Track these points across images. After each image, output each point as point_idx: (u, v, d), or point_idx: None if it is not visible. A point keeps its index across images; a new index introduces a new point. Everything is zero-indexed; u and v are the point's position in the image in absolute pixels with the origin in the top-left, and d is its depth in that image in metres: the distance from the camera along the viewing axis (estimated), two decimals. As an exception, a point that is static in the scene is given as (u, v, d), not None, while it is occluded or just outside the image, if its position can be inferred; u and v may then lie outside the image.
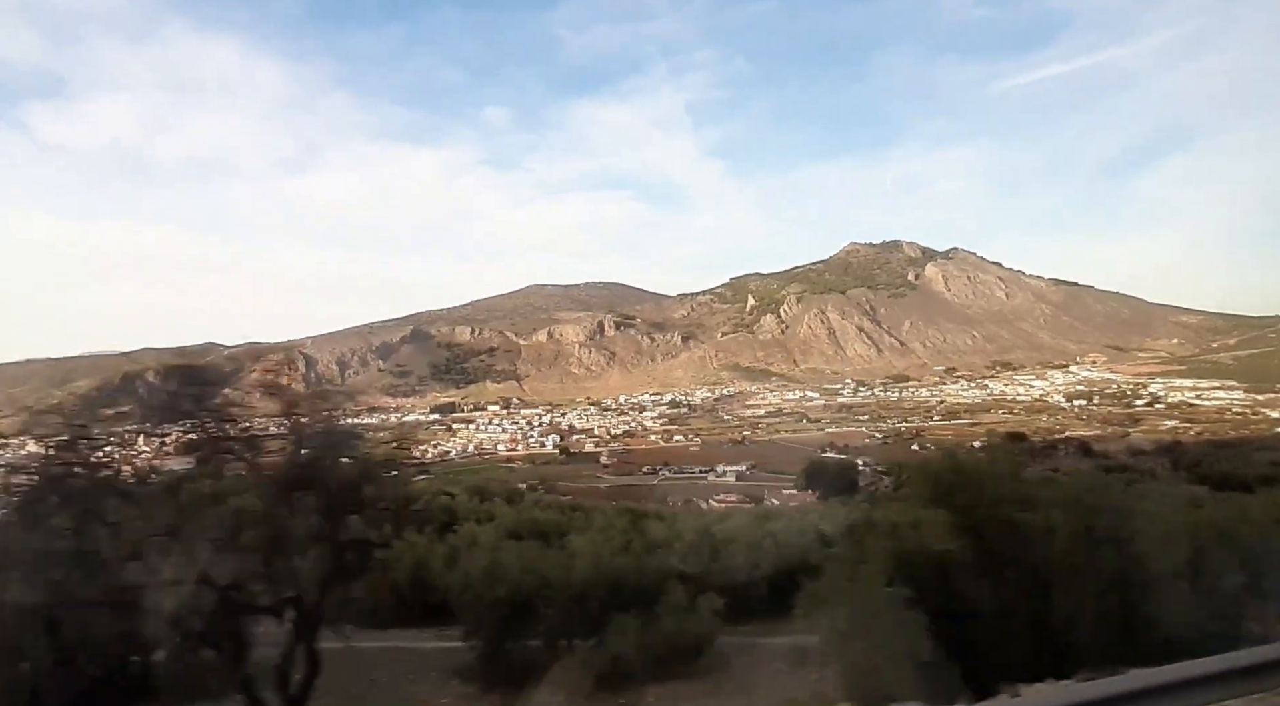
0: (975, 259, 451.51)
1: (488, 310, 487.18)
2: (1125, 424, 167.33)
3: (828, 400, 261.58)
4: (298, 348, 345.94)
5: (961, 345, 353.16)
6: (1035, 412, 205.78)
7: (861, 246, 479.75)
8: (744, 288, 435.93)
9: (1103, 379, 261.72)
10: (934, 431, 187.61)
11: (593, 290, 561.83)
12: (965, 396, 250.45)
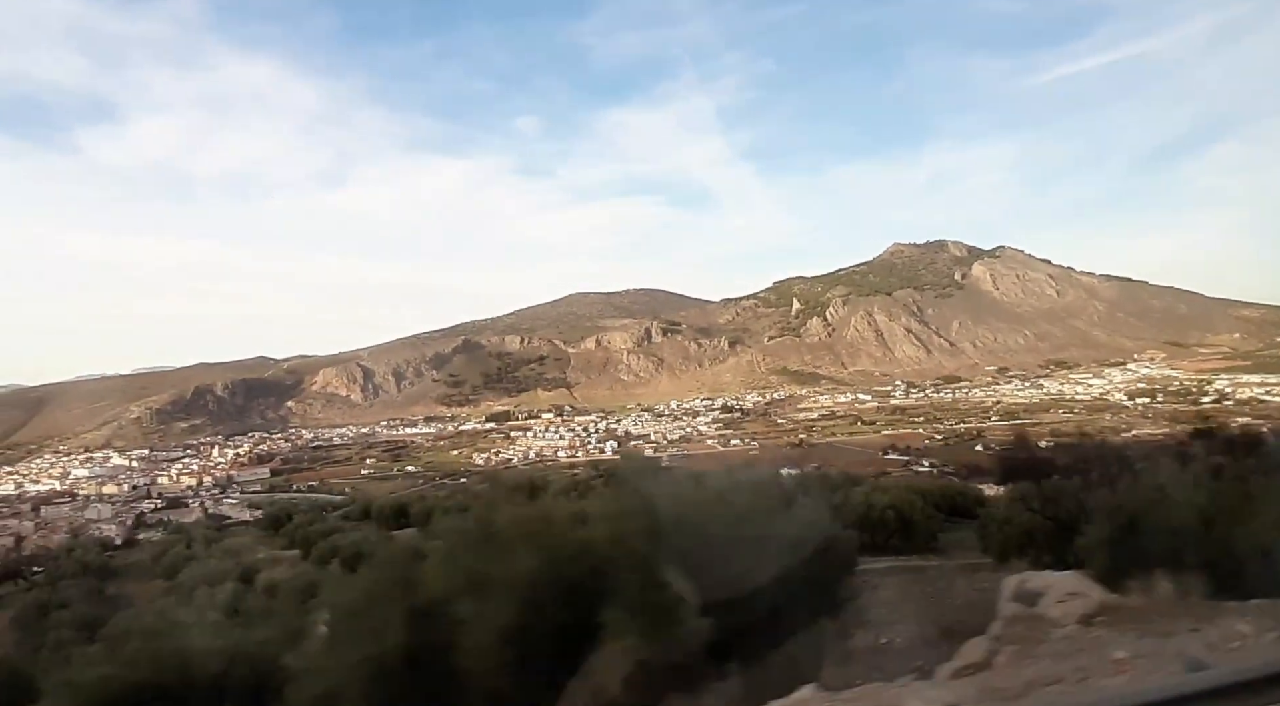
0: (1023, 256, 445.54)
1: (532, 318, 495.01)
2: (1194, 421, 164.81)
3: (880, 402, 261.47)
4: (355, 359, 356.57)
5: (1013, 344, 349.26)
6: (1097, 411, 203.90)
7: (905, 247, 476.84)
8: (788, 291, 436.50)
9: (1163, 376, 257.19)
10: (994, 432, 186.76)
11: (634, 297, 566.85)
12: (1021, 396, 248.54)
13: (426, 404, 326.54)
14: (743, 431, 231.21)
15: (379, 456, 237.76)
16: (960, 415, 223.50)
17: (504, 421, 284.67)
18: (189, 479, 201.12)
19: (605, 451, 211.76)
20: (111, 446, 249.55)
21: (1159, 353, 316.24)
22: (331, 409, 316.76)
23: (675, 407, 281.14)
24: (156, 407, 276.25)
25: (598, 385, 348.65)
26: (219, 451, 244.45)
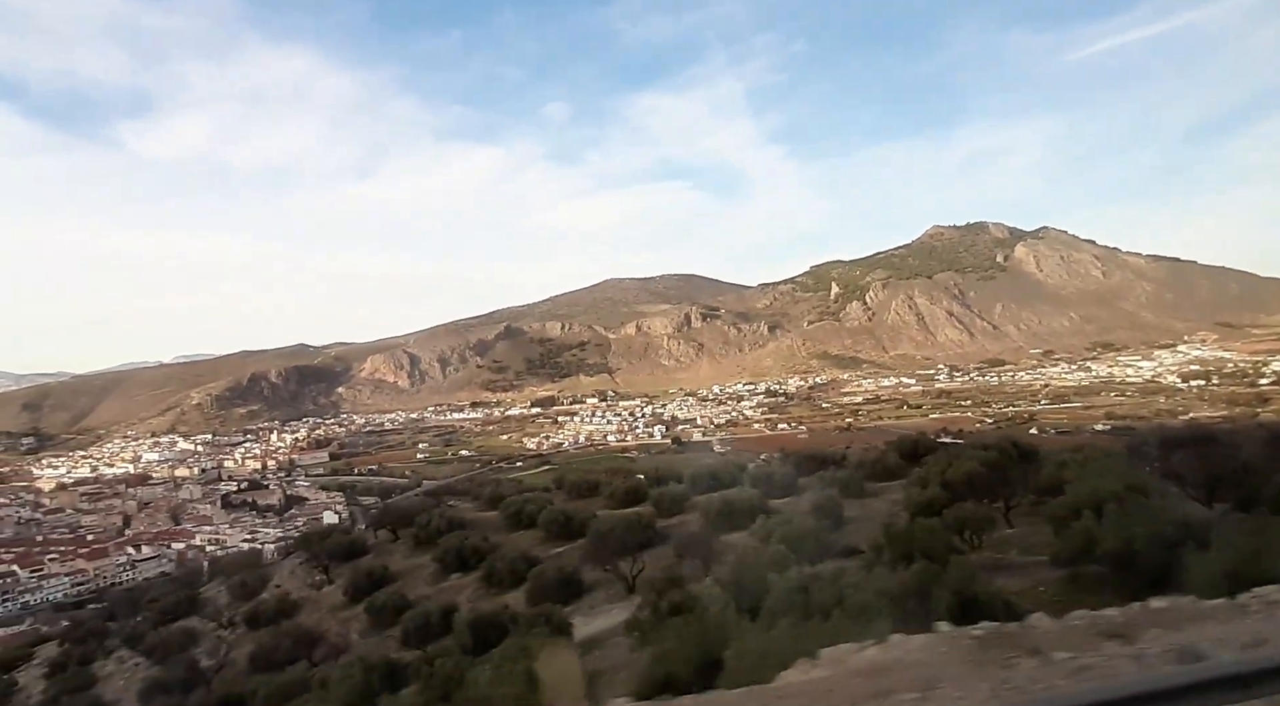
0: (1067, 237, 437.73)
1: (569, 304, 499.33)
2: (1253, 404, 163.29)
3: (925, 386, 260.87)
4: (401, 346, 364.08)
5: (1058, 327, 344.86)
6: (1150, 394, 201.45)
7: (945, 229, 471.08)
8: (826, 275, 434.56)
9: (1216, 358, 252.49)
10: (1046, 415, 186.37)
11: (670, 282, 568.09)
12: (1069, 379, 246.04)
13: (471, 389, 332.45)
14: (788, 415, 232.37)
15: (430, 441, 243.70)
16: (1008, 398, 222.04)
17: (549, 406, 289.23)
18: (253, 462, 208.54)
19: (654, 435, 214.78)
20: (176, 431, 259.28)
21: (1210, 334, 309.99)
22: (380, 395, 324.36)
23: (718, 392, 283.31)
24: (216, 394, 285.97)
25: (639, 370, 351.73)
26: (277, 436, 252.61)
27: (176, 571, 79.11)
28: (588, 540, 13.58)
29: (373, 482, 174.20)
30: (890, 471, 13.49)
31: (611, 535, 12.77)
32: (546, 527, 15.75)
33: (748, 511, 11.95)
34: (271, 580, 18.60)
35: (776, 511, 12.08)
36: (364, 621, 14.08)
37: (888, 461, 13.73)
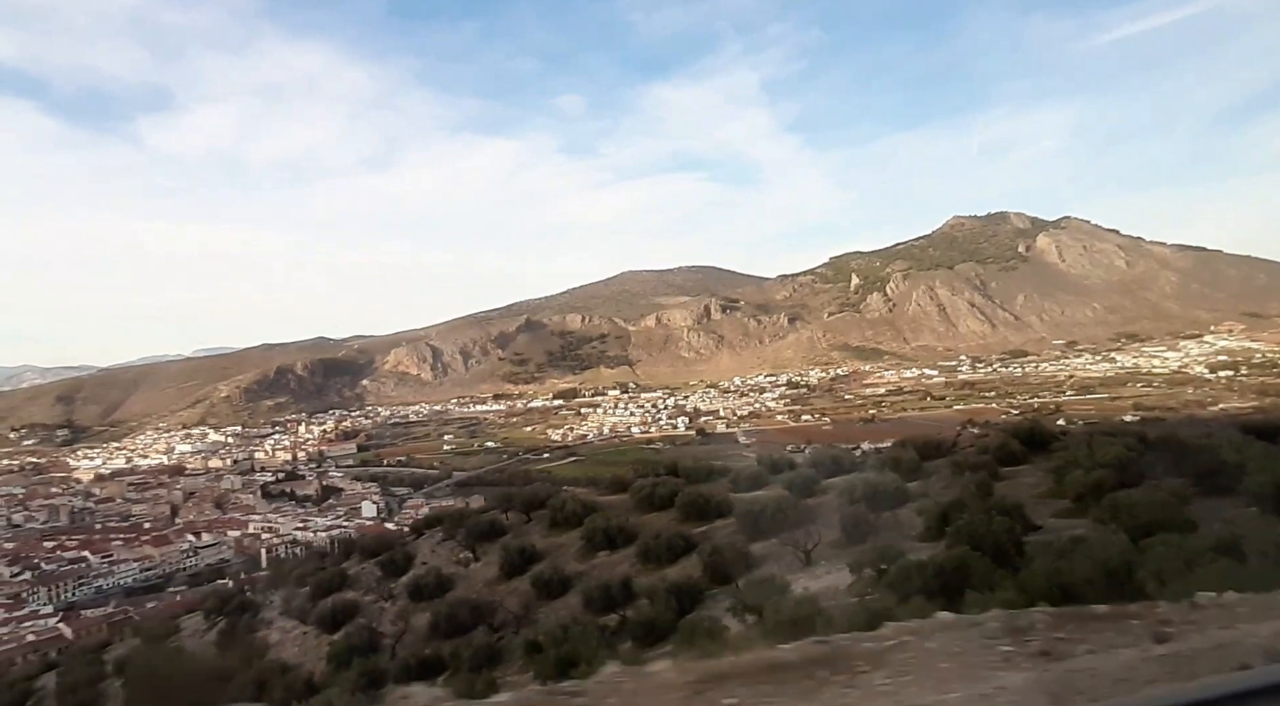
0: (1089, 227, 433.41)
1: (587, 297, 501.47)
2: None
3: (947, 377, 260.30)
4: (424, 338, 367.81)
5: (1081, 318, 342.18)
6: (1178, 385, 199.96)
7: (966, 219, 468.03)
8: (845, 266, 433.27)
9: (1243, 348, 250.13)
10: (1072, 406, 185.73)
11: (687, 274, 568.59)
12: (1094, 370, 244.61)
13: (493, 382, 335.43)
14: (811, 407, 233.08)
15: (455, 433, 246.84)
16: (1032, 390, 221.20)
17: (571, 399, 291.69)
18: (284, 454, 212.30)
19: (678, 427, 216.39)
20: (206, 423, 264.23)
21: (1237, 324, 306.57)
22: (403, 387, 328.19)
23: (740, 384, 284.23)
24: (244, 387, 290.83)
25: (659, 362, 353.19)
26: (305, 428, 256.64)
27: (235, 558, 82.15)
28: (737, 519, 14.96)
29: (403, 473, 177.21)
30: (1015, 457, 14.55)
31: (763, 514, 14.13)
32: (684, 509, 17.10)
33: (891, 494, 13.18)
34: (415, 557, 20.16)
35: (920, 494, 13.31)
36: (529, 593, 15.56)
37: (1011, 447, 14.74)
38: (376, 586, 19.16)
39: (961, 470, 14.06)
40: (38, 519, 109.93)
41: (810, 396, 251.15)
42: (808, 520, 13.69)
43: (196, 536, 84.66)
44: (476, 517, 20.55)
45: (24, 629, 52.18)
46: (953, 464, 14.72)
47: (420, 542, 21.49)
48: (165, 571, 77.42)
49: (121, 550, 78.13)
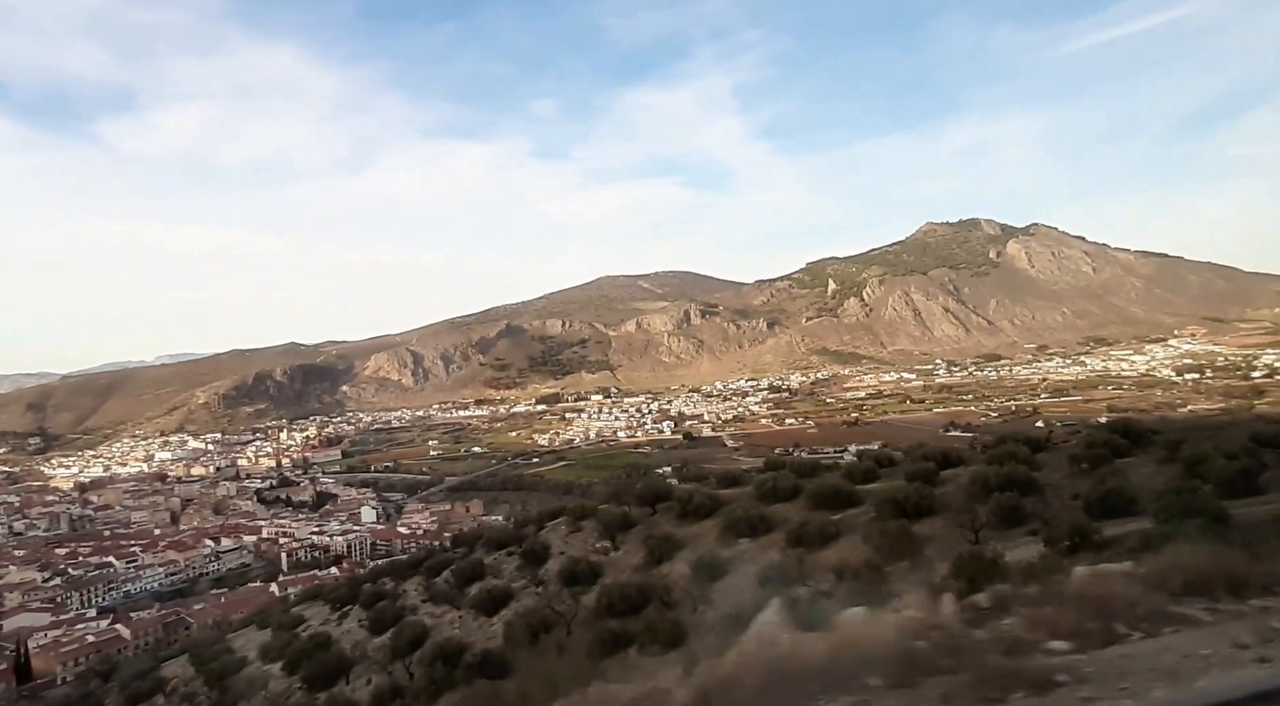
0: (1057, 233, 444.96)
1: (564, 302, 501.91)
2: (1249, 397, 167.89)
3: (925, 381, 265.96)
4: (404, 344, 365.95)
5: (1051, 322, 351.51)
6: (1146, 388, 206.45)
7: (938, 225, 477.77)
8: (822, 271, 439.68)
9: (1207, 352, 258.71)
10: (1049, 408, 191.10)
11: (665, 279, 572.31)
12: (1066, 373, 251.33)
13: (475, 387, 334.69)
14: (794, 410, 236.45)
15: (440, 438, 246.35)
16: (1008, 392, 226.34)
17: (554, 403, 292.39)
18: (268, 461, 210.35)
19: (664, 431, 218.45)
20: (185, 430, 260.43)
21: (1199, 328, 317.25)
22: (384, 392, 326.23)
23: (722, 388, 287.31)
24: (222, 393, 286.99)
25: (640, 367, 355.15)
26: (287, 435, 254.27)
27: (256, 562, 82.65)
28: (874, 506, 17.12)
29: (394, 479, 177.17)
30: (1118, 451, 16.64)
31: (907, 501, 16.31)
32: (813, 499, 19.12)
33: (1024, 482, 15.31)
34: (550, 547, 21.96)
35: (1046, 483, 15.51)
36: (686, 576, 17.58)
37: (1114, 443, 16.83)
38: (518, 573, 21.04)
39: (1078, 461, 16.26)
40: (39, 526, 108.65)
41: (792, 400, 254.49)
42: (944, 507, 15.89)
43: (215, 541, 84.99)
44: (607, 510, 22.43)
45: (79, 631, 52.69)
46: (1069, 456, 16.86)
47: (546, 535, 23.32)
48: (189, 575, 77.77)
49: (145, 555, 78.50)
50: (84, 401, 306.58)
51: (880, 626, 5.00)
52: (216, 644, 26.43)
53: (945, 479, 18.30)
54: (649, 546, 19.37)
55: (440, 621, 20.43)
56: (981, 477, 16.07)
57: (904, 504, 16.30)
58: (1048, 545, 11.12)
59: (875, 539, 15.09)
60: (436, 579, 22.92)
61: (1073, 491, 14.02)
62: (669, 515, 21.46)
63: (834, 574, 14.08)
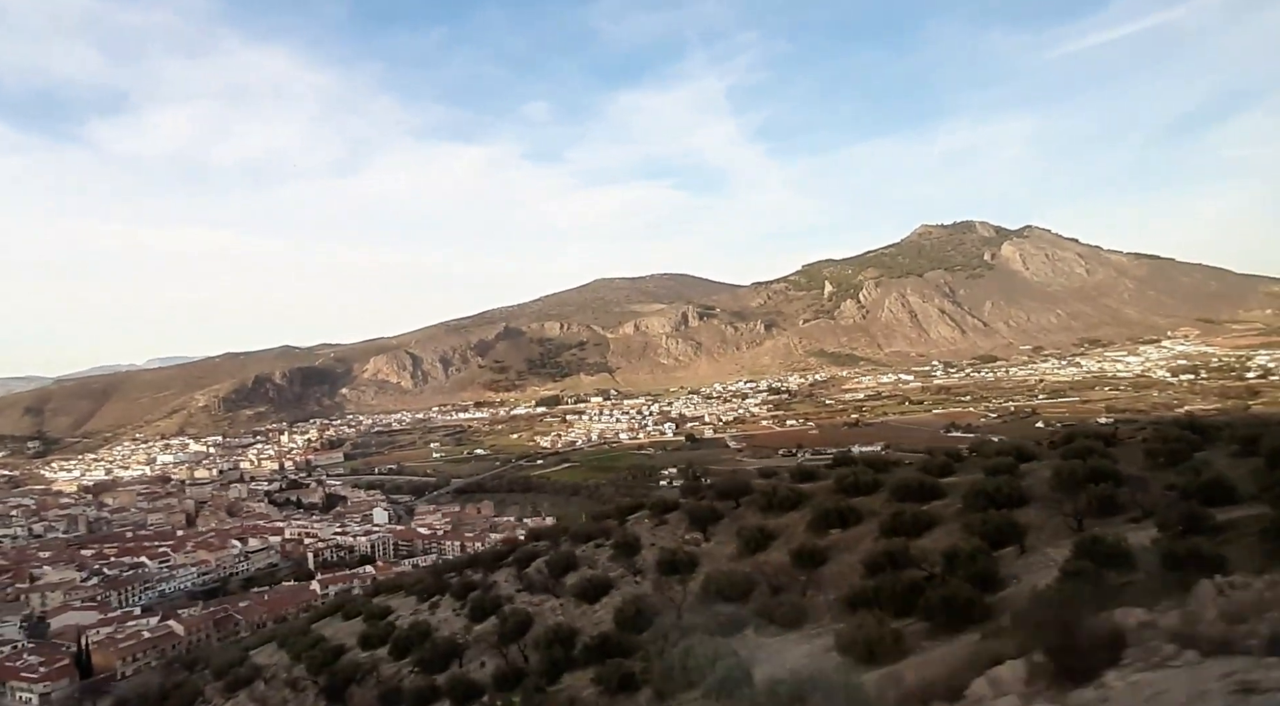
0: (1051, 235, 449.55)
1: (560, 304, 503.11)
2: (1244, 397, 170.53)
3: (923, 382, 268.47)
4: (404, 346, 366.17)
5: (1046, 323, 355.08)
6: (1142, 389, 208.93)
7: (933, 228, 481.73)
8: (818, 274, 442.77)
9: (1200, 353, 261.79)
10: (1047, 409, 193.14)
11: (661, 282, 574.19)
12: (1062, 374, 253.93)
13: (474, 389, 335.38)
14: (793, 412, 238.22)
15: (441, 441, 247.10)
16: (1006, 394, 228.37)
17: (554, 405, 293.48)
18: (270, 463, 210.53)
19: (666, 433, 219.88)
20: (185, 433, 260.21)
21: (1192, 329, 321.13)
22: (383, 395, 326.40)
23: (721, 390, 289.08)
24: (222, 396, 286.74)
25: (638, 369, 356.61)
26: (288, 437, 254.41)
27: (283, 562, 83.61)
28: (961, 498, 18.46)
29: (400, 481, 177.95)
30: (1194, 446, 17.87)
31: (998, 492, 17.67)
32: (896, 491, 20.47)
33: (1110, 473, 16.69)
34: (639, 539, 23.22)
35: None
36: (784, 564, 18.90)
37: (1188, 439, 18.08)
38: (611, 564, 22.31)
39: (1156, 455, 17.60)
40: (58, 528, 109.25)
41: (792, 401, 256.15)
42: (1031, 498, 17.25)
43: (243, 542, 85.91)
44: (695, 503, 23.73)
45: (129, 627, 53.61)
46: (1146, 451, 18.18)
47: (631, 528, 24.59)
48: (220, 575, 78.65)
49: (176, 555, 79.34)
50: (82, 405, 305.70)
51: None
52: (303, 633, 27.54)
53: (1023, 472, 19.66)
54: (743, 537, 20.67)
55: (540, 609, 21.65)
56: (1068, 470, 17.44)
57: (995, 495, 17.65)
58: (1161, 530, 12.40)
59: (978, 526, 16.36)
60: (527, 569, 24.15)
61: (1164, 482, 15.39)
62: (752, 508, 22.77)
63: (944, 559, 15.31)
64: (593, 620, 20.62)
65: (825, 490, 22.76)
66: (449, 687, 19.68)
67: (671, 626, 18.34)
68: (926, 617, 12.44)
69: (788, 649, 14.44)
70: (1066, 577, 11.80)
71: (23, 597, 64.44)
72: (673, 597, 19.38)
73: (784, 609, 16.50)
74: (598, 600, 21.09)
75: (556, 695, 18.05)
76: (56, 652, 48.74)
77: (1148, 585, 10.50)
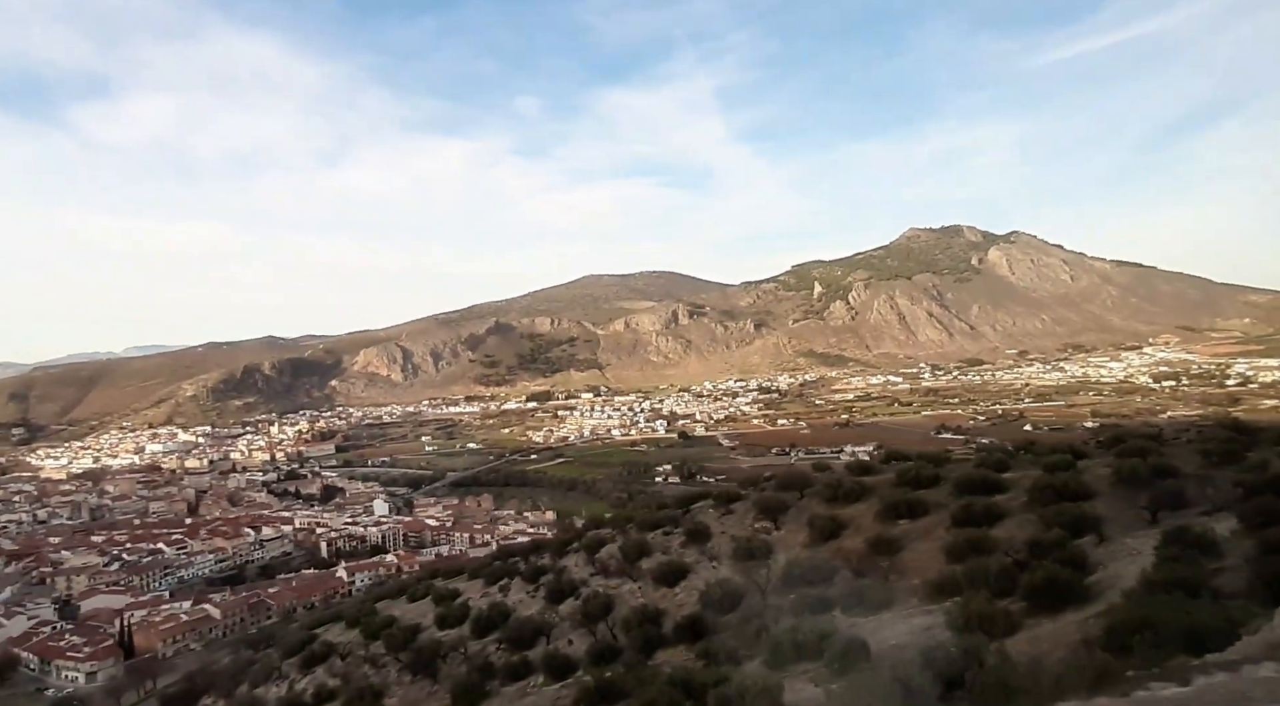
0: (1037, 241, 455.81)
1: (549, 300, 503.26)
2: (1225, 404, 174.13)
3: (912, 384, 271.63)
4: (394, 339, 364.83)
5: (1031, 328, 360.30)
6: (1126, 394, 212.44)
7: (921, 231, 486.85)
8: (807, 274, 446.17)
9: (1181, 360, 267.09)
10: (1034, 413, 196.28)
11: (650, 279, 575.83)
12: (1047, 379, 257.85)
13: (465, 384, 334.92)
14: (784, 411, 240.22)
15: (433, 434, 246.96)
16: (993, 397, 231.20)
17: (545, 401, 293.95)
18: (261, 454, 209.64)
19: (658, 430, 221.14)
20: (174, 423, 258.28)
21: (1172, 337, 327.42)
22: (373, 388, 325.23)
23: (712, 388, 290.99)
24: (210, 386, 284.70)
25: (628, 366, 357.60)
26: (278, 428, 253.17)
27: (296, 551, 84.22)
28: (1028, 492, 19.99)
29: (395, 474, 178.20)
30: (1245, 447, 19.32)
31: (1065, 486, 19.25)
32: (959, 486, 21.93)
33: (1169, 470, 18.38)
34: (709, 527, 24.55)
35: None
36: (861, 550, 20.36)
37: (1238, 440, 19.59)
38: (683, 550, 23.67)
39: (1211, 455, 19.12)
40: (61, 514, 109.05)
41: (782, 401, 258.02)
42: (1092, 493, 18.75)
43: (256, 530, 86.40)
44: (764, 494, 25.11)
45: (166, 610, 54.23)
46: (1201, 451, 19.72)
47: (699, 516, 25.94)
48: (236, 562, 79.30)
49: (193, 543, 79.77)
50: (67, 392, 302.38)
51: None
52: (370, 614, 28.62)
53: (1081, 469, 21.22)
54: (815, 526, 22.09)
55: (619, 592, 22.97)
56: (1130, 467, 18.98)
57: (1062, 489, 19.16)
58: (1241, 522, 13.87)
59: (1054, 517, 17.79)
60: (598, 555, 25.43)
61: (1224, 479, 16.94)
62: (816, 499, 24.20)
63: (1027, 548, 16.71)
64: (674, 602, 21.96)
65: (885, 483, 24.20)
66: (544, 662, 20.84)
67: (760, 607, 19.79)
68: (1027, 598, 13.56)
69: (884, 627, 15.72)
70: (1163, 563, 12.82)
71: (48, 581, 65.00)
72: (757, 581, 20.79)
73: (873, 591, 17.91)
74: (676, 583, 22.43)
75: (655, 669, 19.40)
76: (97, 634, 49.42)
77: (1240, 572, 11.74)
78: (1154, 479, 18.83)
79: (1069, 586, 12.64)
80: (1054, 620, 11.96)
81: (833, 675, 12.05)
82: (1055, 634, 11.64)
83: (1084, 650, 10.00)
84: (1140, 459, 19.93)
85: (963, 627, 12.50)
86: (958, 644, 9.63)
